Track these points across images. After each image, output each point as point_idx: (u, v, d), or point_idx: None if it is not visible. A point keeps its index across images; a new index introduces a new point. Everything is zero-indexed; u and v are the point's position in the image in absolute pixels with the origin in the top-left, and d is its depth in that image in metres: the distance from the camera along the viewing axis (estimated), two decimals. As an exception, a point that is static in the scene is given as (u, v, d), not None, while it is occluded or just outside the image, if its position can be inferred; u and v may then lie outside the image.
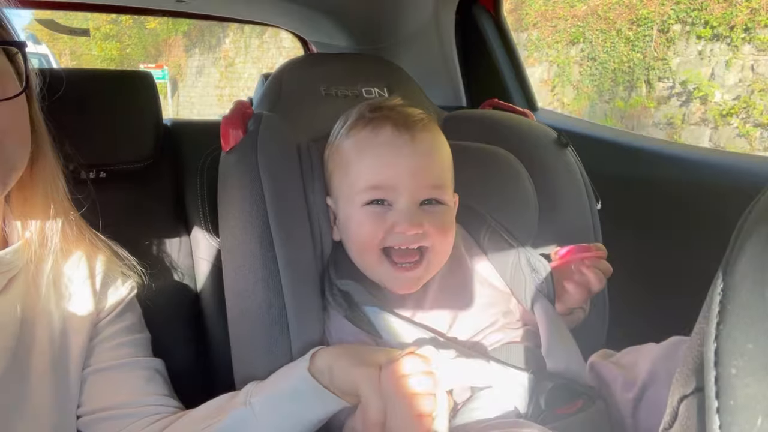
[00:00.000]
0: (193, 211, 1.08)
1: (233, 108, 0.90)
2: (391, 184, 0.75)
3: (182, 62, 12.94)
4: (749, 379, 0.19)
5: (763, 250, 0.20)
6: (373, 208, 0.75)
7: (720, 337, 0.20)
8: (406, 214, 0.74)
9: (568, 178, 1.03)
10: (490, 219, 0.91)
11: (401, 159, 0.75)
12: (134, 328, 0.79)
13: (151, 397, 0.74)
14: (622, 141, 1.27)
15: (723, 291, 0.21)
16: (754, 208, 0.23)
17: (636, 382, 0.70)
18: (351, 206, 0.77)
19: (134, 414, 0.72)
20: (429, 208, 0.76)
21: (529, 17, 6.93)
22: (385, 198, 0.75)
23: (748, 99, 5.21)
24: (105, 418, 0.71)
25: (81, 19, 11.24)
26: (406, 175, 0.74)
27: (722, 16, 5.39)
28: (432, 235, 0.75)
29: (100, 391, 0.72)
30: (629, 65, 6.10)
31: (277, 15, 1.67)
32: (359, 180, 0.76)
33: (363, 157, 0.77)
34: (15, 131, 0.61)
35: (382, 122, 0.77)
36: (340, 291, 0.79)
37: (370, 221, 0.75)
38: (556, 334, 0.76)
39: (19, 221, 0.69)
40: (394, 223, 0.74)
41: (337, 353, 0.69)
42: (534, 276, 0.82)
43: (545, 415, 0.69)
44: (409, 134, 0.76)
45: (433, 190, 0.76)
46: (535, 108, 1.47)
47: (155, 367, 0.78)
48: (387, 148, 0.76)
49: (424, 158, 0.76)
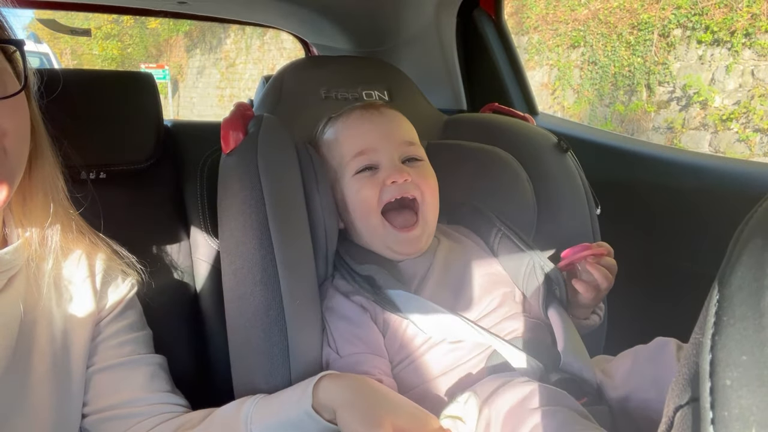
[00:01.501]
0: (192, 212, 1.08)
1: (234, 110, 0.90)
2: (372, 147, 0.86)
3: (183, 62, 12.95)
4: (743, 391, 0.19)
5: (758, 262, 0.20)
6: (364, 174, 0.86)
7: (715, 348, 0.20)
8: (392, 167, 0.84)
9: (568, 183, 1.03)
10: (499, 223, 0.92)
11: (374, 125, 0.88)
12: (136, 326, 0.79)
13: (155, 395, 0.74)
14: (622, 146, 1.27)
15: (719, 302, 0.21)
16: (750, 220, 0.23)
17: (618, 384, 0.74)
18: (345, 180, 0.87)
19: (140, 413, 0.72)
20: (409, 164, 0.87)
21: (529, 20, 6.94)
22: (370, 162, 0.86)
23: (748, 104, 5.22)
24: (111, 417, 0.72)
25: (82, 18, 11.25)
26: (383, 137, 0.87)
27: (723, 21, 5.40)
28: (419, 184, 0.85)
29: (105, 389, 0.72)
30: (630, 69, 6.11)
31: (278, 17, 1.67)
32: (345, 155, 0.87)
33: (343, 137, 0.89)
34: (16, 131, 0.60)
35: (350, 111, 0.92)
36: (362, 276, 0.83)
37: (365, 184, 0.85)
38: (571, 335, 0.78)
39: (19, 222, 0.68)
40: (385, 177, 0.83)
41: (344, 396, 0.64)
42: (547, 281, 0.84)
43: None
44: (375, 109, 0.91)
45: (408, 147, 0.88)
46: (535, 112, 1.48)
47: (158, 363, 0.78)
48: (360, 120, 0.89)
49: (393, 122, 0.90)
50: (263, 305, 0.76)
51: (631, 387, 0.73)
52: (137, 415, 0.72)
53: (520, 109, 1.37)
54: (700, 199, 1.10)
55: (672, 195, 1.15)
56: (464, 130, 1.14)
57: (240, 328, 0.80)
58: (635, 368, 0.74)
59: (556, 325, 0.79)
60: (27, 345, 0.67)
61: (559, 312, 0.81)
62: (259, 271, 0.77)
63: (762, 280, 0.20)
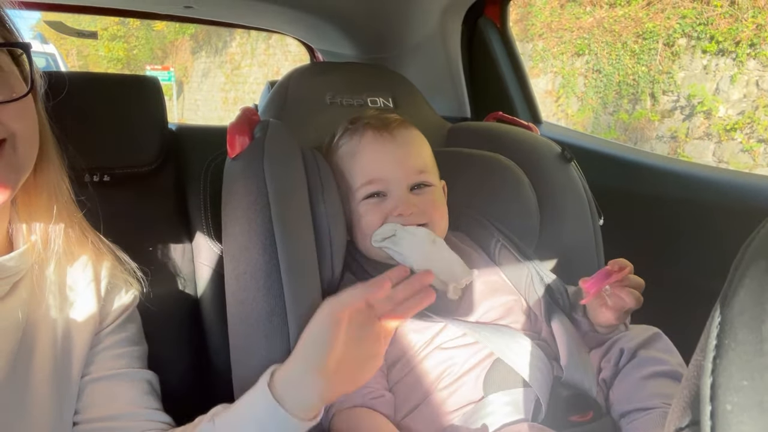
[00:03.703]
0: (195, 216, 1.08)
1: (240, 114, 0.90)
2: (382, 176, 0.85)
3: (188, 64, 12.99)
4: (744, 416, 0.19)
5: (760, 285, 0.20)
6: (371, 201, 0.86)
7: (716, 371, 0.20)
8: (399, 199, 0.84)
9: (571, 193, 1.03)
10: (497, 233, 0.92)
11: (386, 153, 0.86)
12: (134, 340, 0.78)
13: (146, 411, 0.73)
14: (626, 156, 1.27)
15: (720, 324, 0.21)
16: (752, 242, 0.23)
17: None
18: (353, 204, 0.87)
19: (129, 428, 0.71)
20: (418, 192, 0.87)
21: (534, 28, 6.95)
22: (379, 190, 0.86)
23: (752, 114, 5.21)
24: (101, 429, 0.71)
25: (89, 20, 11.30)
26: (393, 166, 0.86)
27: (728, 31, 5.40)
28: (428, 212, 0.85)
29: (98, 400, 0.72)
30: (634, 78, 6.11)
31: (284, 23, 1.68)
32: (355, 180, 0.87)
33: (354, 161, 0.88)
34: (24, 132, 0.61)
35: (363, 128, 0.89)
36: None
37: (369, 212, 0.85)
38: (575, 348, 0.78)
39: (24, 224, 0.69)
40: (392, 209, 0.84)
41: (289, 372, 0.66)
42: (548, 291, 0.83)
43: (559, 422, 0.70)
44: (388, 132, 0.88)
45: (419, 174, 0.87)
46: (539, 121, 1.48)
47: (150, 379, 0.77)
48: (372, 146, 0.87)
49: (406, 148, 0.88)
50: (266, 311, 0.76)
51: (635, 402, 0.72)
52: (126, 429, 0.71)
53: (524, 117, 1.37)
54: (704, 211, 1.10)
55: (675, 206, 1.15)
56: (468, 138, 1.14)
57: (242, 333, 0.79)
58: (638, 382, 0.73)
59: (559, 338, 0.79)
60: (28, 349, 0.67)
61: (563, 323, 0.80)
62: (262, 276, 0.76)
63: (764, 305, 0.20)
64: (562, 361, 0.76)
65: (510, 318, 0.83)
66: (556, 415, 0.71)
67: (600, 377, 0.78)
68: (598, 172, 1.17)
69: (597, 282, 0.75)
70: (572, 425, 0.71)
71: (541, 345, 0.81)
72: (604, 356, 0.79)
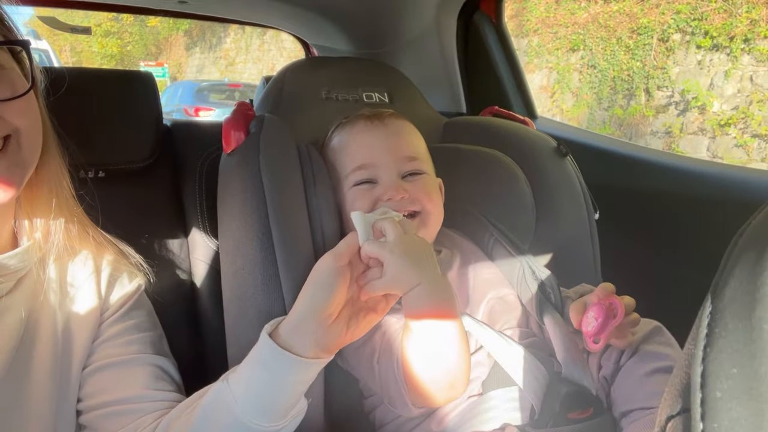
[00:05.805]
0: (191, 211, 1.08)
1: (235, 110, 0.90)
2: (373, 162, 0.84)
3: (183, 60, 12.94)
4: (733, 403, 0.19)
5: (751, 275, 0.21)
6: (361, 187, 0.84)
7: (707, 360, 0.21)
8: (390, 184, 0.82)
9: (566, 188, 1.03)
10: (491, 227, 0.92)
11: (377, 139, 0.86)
12: (143, 326, 0.78)
13: (159, 393, 0.74)
14: (621, 151, 1.28)
15: (711, 314, 0.22)
16: (744, 233, 0.23)
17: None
18: (344, 191, 0.86)
19: (141, 410, 0.71)
20: (410, 179, 0.85)
21: (530, 23, 6.95)
22: (369, 177, 0.84)
23: (746, 109, 5.24)
24: (112, 413, 0.71)
25: (82, 15, 11.23)
26: (384, 152, 0.84)
27: (722, 26, 5.42)
28: (419, 199, 0.83)
29: (107, 385, 0.72)
30: (629, 73, 6.13)
31: (278, 18, 1.67)
32: (346, 167, 0.86)
33: (346, 148, 0.87)
34: (29, 128, 0.62)
35: (356, 119, 0.89)
36: None
37: (359, 197, 0.83)
38: (569, 344, 0.77)
39: (26, 220, 0.69)
40: (381, 194, 0.82)
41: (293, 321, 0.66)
42: (541, 287, 0.83)
43: (557, 419, 0.71)
44: (380, 120, 0.88)
45: (410, 162, 0.85)
46: (534, 116, 1.48)
47: (161, 364, 0.77)
48: (363, 134, 0.87)
49: (397, 136, 0.87)
50: (264, 306, 0.76)
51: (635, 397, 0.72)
52: (139, 411, 0.71)
53: (520, 112, 1.37)
54: (699, 205, 1.10)
55: (670, 200, 1.16)
56: (463, 132, 1.14)
57: (239, 328, 0.80)
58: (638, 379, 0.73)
59: (552, 335, 0.78)
60: (29, 346, 0.67)
61: (555, 319, 0.79)
62: (260, 272, 0.76)
63: (754, 294, 0.20)
64: (558, 357, 0.76)
65: (505, 314, 0.83)
66: (555, 411, 0.71)
67: (601, 374, 0.78)
68: (593, 166, 1.18)
69: (600, 330, 0.71)
70: (572, 422, 0.71)
71: (538, 342, 0.81)
72: (604, 353, 0.79)
